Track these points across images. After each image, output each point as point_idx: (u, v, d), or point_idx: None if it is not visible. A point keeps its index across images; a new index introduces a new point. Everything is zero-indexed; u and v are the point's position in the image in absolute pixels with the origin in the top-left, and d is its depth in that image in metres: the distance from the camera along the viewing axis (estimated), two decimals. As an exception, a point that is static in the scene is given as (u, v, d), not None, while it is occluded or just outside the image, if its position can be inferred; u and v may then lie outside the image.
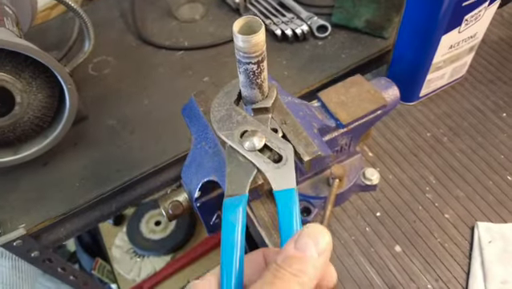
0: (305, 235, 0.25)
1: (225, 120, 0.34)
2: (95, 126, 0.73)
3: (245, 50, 0.29)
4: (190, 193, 0.41)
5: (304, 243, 0.25)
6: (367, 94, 0.46)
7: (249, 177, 0.31)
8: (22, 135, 0.61)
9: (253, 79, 0.32)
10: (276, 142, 0.33)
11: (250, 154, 0.32)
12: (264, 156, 0.32)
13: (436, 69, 0.60)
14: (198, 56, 0.82)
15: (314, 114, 0.44)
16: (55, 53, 0.79)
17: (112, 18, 0.93)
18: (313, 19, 0.82)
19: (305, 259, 0.24)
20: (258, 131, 0.33)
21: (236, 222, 0.28)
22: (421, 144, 0.61)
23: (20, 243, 0.60)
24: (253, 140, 0.32)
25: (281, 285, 0.23)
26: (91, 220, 0.66)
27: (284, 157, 0.32)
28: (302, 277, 0.24)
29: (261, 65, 0.31)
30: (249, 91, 0.33)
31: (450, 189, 0.56)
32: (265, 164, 0.31)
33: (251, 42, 0.29)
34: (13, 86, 0.55)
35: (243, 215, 0.29)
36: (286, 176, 0.30)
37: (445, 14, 0.50)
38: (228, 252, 0.27)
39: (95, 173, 0.66)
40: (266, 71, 0.33)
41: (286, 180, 0.30)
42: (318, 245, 0.25)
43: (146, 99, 0.76)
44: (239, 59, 0.30)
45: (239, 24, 0.29)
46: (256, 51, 0.29)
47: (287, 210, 0.28)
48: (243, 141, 0.32)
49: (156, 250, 1.23)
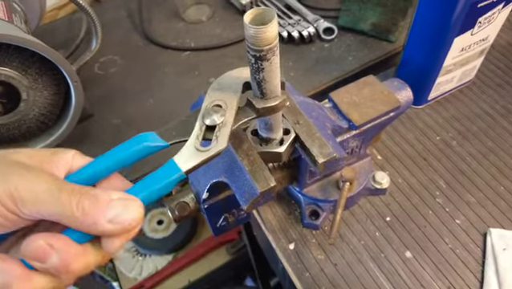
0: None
1: (222, 86, 0.34)
2: (100, 124, 0.72)
3: (252, 41, 0.28)
4: (198, 194, 0.40)
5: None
6: (381, 95, 0.45)
7: (181, 137, 0.32)
8: (27, 132, 0.61)
9: (262, 74, 0.31)
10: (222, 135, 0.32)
11: (198, 122, 0.32)
12: (202, 134, 0.32)
13: (447, 72, 0.59)
14: (204, 57, 0.82)
15: (326, 114, 0.43)
16: (62, 52, 0.78)
17: (120, 19, 0.92)
18: (319, 22, 0.82)
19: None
20: (224, 115, 0.33)
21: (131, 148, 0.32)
22: (430, 148, 0.60)
23: (23, 242, 0.59)
24: (212, 115, 0.32)
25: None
26: (94, 220, 0.65)
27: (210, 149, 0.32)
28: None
29: (273, 59, 0.29)
30: (269, 93, 0.32)
31: (461, 194, 0.55)
32: (195, 138, 0.32)
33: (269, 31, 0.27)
34: (19, 82, 0.54)
35: (142, 150, 0.32)
36: (192, 159, 0.31)
37: (460, 15, 0.50)
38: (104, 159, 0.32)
39: (99, 173, 0.65)
40: (279, 70, 0.31)
41: (188, 161, 0.31)
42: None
43: (151, 98, 0.75)
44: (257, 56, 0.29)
45: (252, 14, 0.28)
46: (268, 44, 0.28)
47: (160, 178, 0.31)
48: (207, 110, 0.33)
49: (158, 249, 1.23)
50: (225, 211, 0.45)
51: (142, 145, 0.32)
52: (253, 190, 0.34)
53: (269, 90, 0.32)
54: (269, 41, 0.28)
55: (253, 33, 0.27)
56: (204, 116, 0.33)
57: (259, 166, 0.35)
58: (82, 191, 0.26)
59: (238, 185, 0.36)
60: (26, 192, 0.25)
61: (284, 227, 0.53)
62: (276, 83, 0.32)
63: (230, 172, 0.37)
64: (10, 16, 0.59)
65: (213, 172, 0.38)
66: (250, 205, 0.34)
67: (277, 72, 0.31)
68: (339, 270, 0.49)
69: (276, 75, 0.31)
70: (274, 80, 0.31)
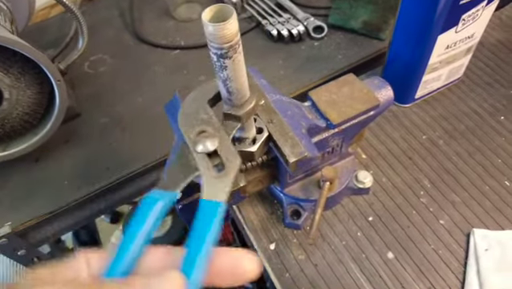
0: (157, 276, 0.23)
1: (190, 116, 0.33)
2: (87, 123, 0.72)
3: (223, 40, 0.28)
4: (173, 194, 0.40)
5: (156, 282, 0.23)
6: (360, 93, 0.45)
7: (188, 177, 0.30)
8: (11, 131, 0.61)
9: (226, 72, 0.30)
10: (227, 152, 0.31)
11: (198, 155, 0.30)
12: (209, 162, 0.30)
13: (433, 70, 0.58)
14: (194, 55, 0.81)
15: (303, 113, 0.42)
16: (52, 51, 0.78)
17: (111, 18, 0.92)
18: (309, 20, 0.82)
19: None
20: (216, 135, 0.31)
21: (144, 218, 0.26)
22: (416, 147, 0.59)
23: (5, 242, 0.59)
24: (206, 142, 0.31)
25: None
26: (79, 218, 0.65)
27: (227, 169, 0.30)
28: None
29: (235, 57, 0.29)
30: (236, 93, 0.32)
31: (445, 193, 0.54)
32: (206, 169, 0.29)
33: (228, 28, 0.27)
34: (1, 81, 0.54)
35: (160, 214, 0.27)
36: (220, 188, 0.28)
37: (442, 12, 0.49)
38: (127, 240, 0.25)
39: (84, 171, 0.65)
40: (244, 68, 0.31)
41: (218, 192, 0.28)
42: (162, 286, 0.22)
43: (140, 97, 0.75)
44: (219, 53, 0.29)
45: (211, 11, 0.27)
46: (228, 41, 0.28)
47: (205, 222, 0.26)
48: (197, 141, 0.31)
49: (152, 250, 1.22)
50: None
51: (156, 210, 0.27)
52: (222, 190, 0.34)
53: (235, 88, 0.31)
54: (229, 38, 0.27)
55: (212, 30, 0.27)
56: (196, 148, 0.31)
57: (230, 166, 0.35)
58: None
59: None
60: None
61: (266, 227, 0.52)
62: (242, 81, 0.31)
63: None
64: (-7, 15, 0.58)
65: (186, 171, 0.38)
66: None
67: (242, 70, 0.30)
68: (319, 271, 0.49)
69: (241, 73, 0.30)
70: (239, 78, 0.31)
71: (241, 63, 0.30)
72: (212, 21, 0.27)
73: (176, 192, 0.29)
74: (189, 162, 0.30)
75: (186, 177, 0.30)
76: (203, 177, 0.29)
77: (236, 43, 0.28)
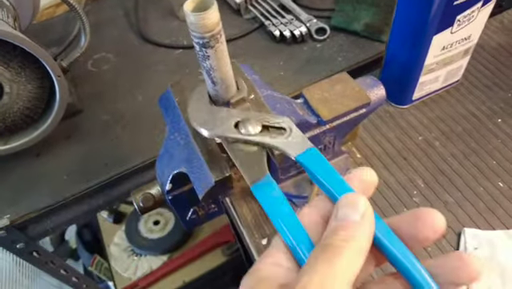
0: (342, 206, 0.25)
1: (209, 120, 0.33)
2: (89, 120, 0.73)
3: (204, 29, 0.28)
4: (162, 186, 0.41)
5: (343, 213, 0.24)
6: (352, 91, 0.45)
7: (263, 159, 0.31)
8: (12, 125, 0.62)
9: (224, 57, 0.31)
10: (271, 119, 0.32)
11: (254, 137, 0.31)
12: (268, 135, 0.31)
13: (429, 71, 0.59)
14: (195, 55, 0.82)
15: (293, 109, 0.43)
16: (56, 49, 0.80)
17: (115, 17, 0.94)
18: (312, 21, 0.82)
19: (349, 225, 0.24)
20: (249, 118, 0.32)
21: (279, 196, 0.27)
22: (412, 148, 0.59)
23: (4, 234, 0.60)
24: (249, 126, 0.32)
25: (332, 253, 0.23)
26: (78, 213, 0.66)
27: (287, 128, 0.31)
28: (351, 241, 0.23)
29: (217, 47, 0.30)
30: (220, 83, 0.32)
31: (439, 193, 0.54)
32: (273, 139, 0.31)
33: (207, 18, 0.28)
34: (1, 75, 0.56)
35: (278, 189, 0.28)
36: (299, 141, 0.30)
37: (437, 12, 0.49)
38: (290, 221, 0.26)
39: (83, 167, 0.66)
40: (228, 56, 0.32)
41: (301, 144, 0.30)
42: (357, 208, 0.24)
43: (140, 95, 0.76)
44: (201, 43, 0.30)
45: (193, 2, 0.28)
46: (210, 30, 0.28)
47: (321, 167, 0.28)
48: (241, 130, 0.32)
49: (154, 249, 1.23)
50: (193, 204, 0.45)
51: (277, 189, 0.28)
52: (208, 180, 0.34)
53: (219, 78, 0.32)
54: (210, 27, 0.28)
55: (193, 20, 0.28)
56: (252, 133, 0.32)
57: (216, 157, 0.35)
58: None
59: (196, 175, 0.36)
60: None
61: (259, 223, 0.53)
62: (225, 70, 0.32)
63: (190, 162, 0.37)
64: (-3, 11, 0.60)
65: (175, 162, 0.39)
66: (205, 194, 0.35)
67: (225, 60, 0.31)
68: (309, 267, 0.49)
69: (224, 62, 0.31)
70: (222, 68, 0.31)
71: (224, 53, 0.31)
72: (194, 11, 0.28)
73: (268, 173, 0.29)
74: (247, 150, 0.31)
75: (261, 158, 0.31)
76: (278, 145, 0.30)
77: (217, 33, 0.29)
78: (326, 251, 0.23)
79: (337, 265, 0.22)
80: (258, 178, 0.29)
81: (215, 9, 0.28)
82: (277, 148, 0.30)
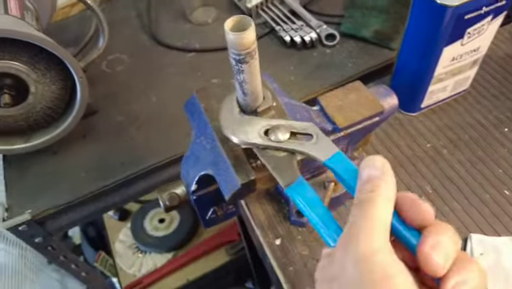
0: (362, 168, 0.29)
1: (239, 128, 0.36)
2: (104, 120, 0.75)
3: (241, 47, 0.31)
4: (188, 186, 0.43)
5: (365, 173, 0.28)
6: (365, 100, 0.47)
7: (293, 162, 0.33)
8: (34, 124, 0.64)
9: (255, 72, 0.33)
10: (298, 126, 0.35)
11: (284, 144, 0.34)
12: (296, 141, 0.34)
13: (439, 81, 0.61)
14: (208, 58, 0.84)
15: (311, 116, 0.45)
16: (72, 49, 0.82)
17: (128, 18, 0.96)
18: (322, 27, 0.84)
19: (372, 179, 0.28)
20: (278, 125, 0.35)
21: (315, 197, 0.30)
22: (420, 155, 0.61)
23: (25, 228, 0.62)
24: (278, 133, 0.34)
25: (365, 205, 0.27)
26: (94, 210, 0.68)
27: (313, 134, 0.34)
28: (377, 190, 0.27)
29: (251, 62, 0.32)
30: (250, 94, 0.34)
31: (446, 200, 0.56)
32: (301, 146, 0.33)
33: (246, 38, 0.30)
34: (28, 76, 0.58)
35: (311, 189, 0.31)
36: (326, 146, 0.33)
37: (448, 25, 0.51)
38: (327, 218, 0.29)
39: (100, 165, 0.68)
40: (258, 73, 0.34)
41: (328, 149, 0.32)
42: (375, 165, 0.28)
43: (154, 97, 0.78)
44: (237, 59, 0.32)
45: (232, 21, 0.31)
46: (246, 48, 0.31)
47: (348, 170, 0.30)
48: (271, 137, 0.35)
49: (158, 246, 1.25)
50: (214, 204, 0.47)
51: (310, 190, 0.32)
52: (234, 182, 0.36)
53: (249, 90, 0.34)
54: (246, 46, 0.30)
55: (232, 38, 0.30)
56: (281, 139, 0.34)
57: (242, 161, 0.38)
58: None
59: (222, 177, 0.38)
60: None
61: (272, 224, 0.55)
62: (256, 84, 0.34)
63: (216, 165, 0.39)
64: (22, 13, 0.62)
65: (202, 165, 0.41)
66: (232, 196, 0.37)
67: (256, 74, 0.33)
68: (321, 267, 0.51)
69: (255, 76, 0.33)
70: (253, 82, 0.34)
71: (256, 68, 0.33)
72: (233, 30, 0.30)
73: (300, 176, 0.32)
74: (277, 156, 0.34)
75: (292, 163, 0.34)
76: (306, 151, 0.33)
77: (253, 50, 0.31)
78: (359, 205, 0.27)
79: (370, 212, 0.26)
80: (291, 181, 0.32)
81: (252, 29, 0.30)
82: (306, 153, 0.33)
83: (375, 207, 0.26)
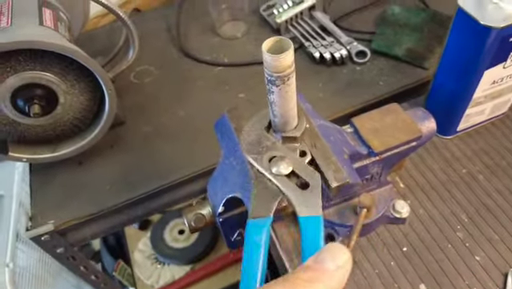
0: (323, 251, 0.25)
1: (254, 144, 0.35)
2: (131, 131, 0.75)
3: (273, 69, 0.30)
4: (214, 208, 0.41)
5: (322, 258, 0.25)
6: (403, 123, 0.45)
7: (275, 200, 0.32)
8: (61, 134, 0.64)
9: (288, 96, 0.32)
10: (304, 170, 0.33)
11: (277, 178, 0.33)
12: (291, 182, 0.32)
13: (477, 104, 0.58)
14: (236, 73, 0.83)
15: (346, 139, 0.43)
16: (100, 59, 0.82)
17: (158, 30, 0.96)
18: (353, 44, 0.82)
19: (320, 269, 0.24)
20: (286, 157, 0.34)
21: (260, 243, 0.29)
22: (455, 180, 0.59)
23: (48, 238, 0.62)
24: (280, 165, 0.33)
25: (290, 287, 0.23)
26: (116, 223, 0.68)
27: (311, 185, 0.32)
28: (316, 285, 0.23)
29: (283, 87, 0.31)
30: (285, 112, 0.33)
31: (483, 230, 0.53)
32: (291, 189, 0.32)
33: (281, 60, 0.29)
34: (58, 87, 0.58)
35: (267, 237, 0.30)
36: (312, 202, 0.31)
37: (491, 48, 0.49)
38: (250, 273, 0.28)
39: (126, 178, 0.67)
40: (294, 97, 0.33)
41: (311, 207, 0.31)
42: (336, 260, 0.24)
43: (182, 110, 0.77)
44: (268, 79, 0.31)
45: (269, 43, 0.29)
46: (278, 71, 0.29)
47: (311, 237, 0.29)
48: (271, 166, 0.33)
49: (177, 258, 1.24)
50: (240, 226, 0.45)
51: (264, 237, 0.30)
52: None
53: (279, 113, 0.33)
54: (279, 69, 0.29)
55: (267, 59, 0.29)
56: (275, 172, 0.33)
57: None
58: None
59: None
60: None
61: (299, 248, 0.53)
62: (287, 108, 0.33)
63: (245, 188, 0.37)
64: (55, 24, 0.62)
65: (230, 187, 0.39)
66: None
67: (287, 98, 0.32)
68: (350, 297, 0.49)
69: (286, 101, 0.32)
70: (284, 105, 0.32)
71: (288, 94, 0.31)
72: (270, 50, 0.29)
73: (271, 216, 0.31)
74: (269, 186, 0.33)
75: (274, 200, 0.32)
76: (290, 196, 0.32)
77: (285, 75, 0.30)
78: (286, 282, 0.23)
79: None
80: (260, 216, 0.30)
81: (288, 54, 0.29)
82: (289, 200, 0.32)
83: None
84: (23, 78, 0.55)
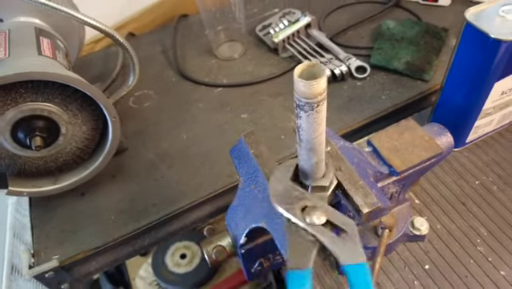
0: None
1: (283, 195, 0.34)
2: (134, 159, 0.73)
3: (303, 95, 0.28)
4: (235, 239, 0.40)
5: None
6: (422, 140, 0.44)
7: (313, 250, 0.31)
8: (63, 165, 0.62)
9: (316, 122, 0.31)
10: (338, 217, 0.32)
11: (313, 228, 0.32)
12: (328, 231, 0.31)
13: (486, 115, 0.58)
14: (236, 93, 0.83)
15: (367, 160, 0.42)
16: (98, 85, 0.81)
17: (154, 54, 0.95)
18: (351, 60, 0.82)
19: None
20: (318, 206, 0.33)
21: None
22: (469, 193, 0.58)
23: (52, 275, 0.59)
24: (313, 215, 0.32)
25: None
26: (123, 254, 0.65)
27: (349, 232, 0.31)
28: None
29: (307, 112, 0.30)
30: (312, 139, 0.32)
31: (504, 242, 0.53)
32: (329, 238, 0.31)
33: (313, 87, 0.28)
34: (59, 118, 0.56)
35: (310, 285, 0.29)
36: (354, 249, 0.30)
37: (501, 60, 0.49)
38: None
39: (131, 207, 0.65)
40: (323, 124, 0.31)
41: (354, 254, 0.30)
42: None
43: (184, 133, 0.76)
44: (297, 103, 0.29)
45: (301, 68, 0.28)
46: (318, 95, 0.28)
47: (361, 285, 0.28)
48: (305, 216, 0.32)
49: (180, 284, 1.21)
50: (261, 256, 0.44)
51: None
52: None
53: (305, 138, 0.32)
54: (307, 96, 0.28)
55: (300, 86, 0.28)
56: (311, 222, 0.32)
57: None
58: None
59: (280, 232, 0.35)
60: None
61: (319, 273, 0.51)
62: (313, 136, 0.31)
63: (271, 218, 0.36)
64: (54, 53, 0.61)
65: (253, 216, 0.38)
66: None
67: (315, 126, 0.31)
68: (376, 321, 0.47)
69: (314, 128, 0.31)
70: (311, 133, 0.31)
71: (317, 120, 0.30)
72: (303, 74, 0.28)
73: (310, 267, 0.30)
74: (304, 236, 0.32)
75: (311, 250, 0.31)
76: (330, 246, 0.31)
77: (314, 102, 0.28)
78: None
79: None
80: (299, 267, 0.29)
81: (319, 81, 0.27)
82: (330, 250, 0.31)
83: None
84: (24, 110, 0.53)
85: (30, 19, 0.65)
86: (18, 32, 0.60)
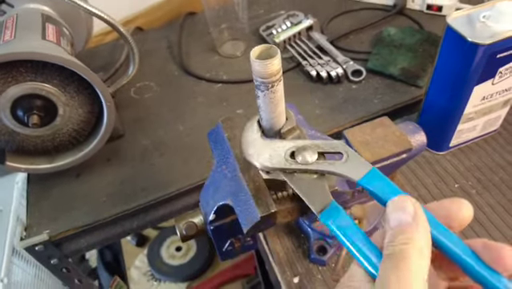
0: (391, 212, 0.26)
1: (267, 154, 0.34)
2: (129, 145, 0.76)
3: (259, 75, 0.31)
4: (205, 215, 0.42)
5: (394, 219, 0.26)
6: (393, 136, 0.46)
7: (325, 186, 0.31)
8: (59, 145, 0.65)
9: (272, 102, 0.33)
10: (326, 145, 0.32)
11: (313, 166, 0.31)
12: (325, 162, 0.31)
13: (468, 120, 0.59)
14: (234, 89, 0.85)
15: (336, 150, 0.44)
16: (102, 74, 0.84)
17: (159, 48, 0.98)
18: (349, 63, 0.84)
19: (403, 228, 0.25)
20: (304, 146, 0.33)
21: (351, 222, 0.28)
22: (448, 195, 0.59)
23: (42, 248, 0.62)
24: (305, 154, 0.32)
25: (397, 260, 0.24)
26: (111, 234, 0.68)
27: (343, 152, 0.31)
28: (410, 243, 0.24)
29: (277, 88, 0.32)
30: (271, 119, 0.34)
31: (475, 244, 0.54)
32: (332, 166, 0.31)
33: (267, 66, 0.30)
34: (57, 98, 0.59)
35: (348, 216, 0.28)
36: (358, 163, 0.30)
37: (479, 64, 0.50)
38: (363, 255, 0.26)
39: (122, 190, 0.68)
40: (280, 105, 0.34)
41: (360, 167, 0.30)
42: (407, 210, 0.25)
43: (181, 125, 0.78)
44: (257, 85, 0.32)
45: (258, 50, 0.31)
46: (272, 75, 0.30)
47: (384, 187, 0.28)
48: (297, 160, 0.32)
49: (174, 275, 1.23)
50: (232, 236, 0.46)
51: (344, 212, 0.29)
52: (254, 214, 0.35)
53: (264, 118, 0.34)
54: (265, 75, 0.30)
55: (255, 65, 0.30)
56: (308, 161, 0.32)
57: (263, 192, 0.37)
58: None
59: (241, 208, 0.37)
60: None
61: (291, 260, 0.53)
62: (272, 116, 0.34)
63: (236, 195, 0.38)
64: (58, 39, 0.64)
65: (221, 194, 0.40)
66: (251, 228, 0.36)
67: (271, 106, 0.33)
68: (341, 309, 0.48)
69: (271, 109, 0.33)
70: (269, 112, 0.33)
71: (273, 101, 0.32)
72: (259, 57, 0.30)
73: (332, 200, 0.30)
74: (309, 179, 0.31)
75: (323, 185, 0.31)
76: (337, 171, 0.30)
77: (270, 82, 0.31)
78: (391, 259, 0.24)
79: (405, 269, 0.23)
80: (324, 206, 0.29)
81: (274, 60, 0.30)
82: (337, 174, 0.30)
83: (410, 262, 0.24)
84: (24, 88, 0.57)
85: (39, 6, 0.69)
86: (25, 17, 0.64)
